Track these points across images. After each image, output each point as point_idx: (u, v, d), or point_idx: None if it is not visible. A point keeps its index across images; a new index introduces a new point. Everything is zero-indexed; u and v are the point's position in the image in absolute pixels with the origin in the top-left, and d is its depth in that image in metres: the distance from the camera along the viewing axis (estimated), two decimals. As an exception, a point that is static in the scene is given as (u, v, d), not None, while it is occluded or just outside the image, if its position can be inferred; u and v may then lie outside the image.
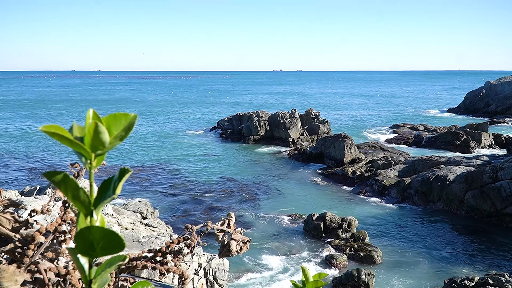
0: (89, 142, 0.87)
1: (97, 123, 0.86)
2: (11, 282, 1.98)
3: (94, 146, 0.88)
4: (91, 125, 0.86)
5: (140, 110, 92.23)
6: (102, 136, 0.87)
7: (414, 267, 20.61)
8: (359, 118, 76.44)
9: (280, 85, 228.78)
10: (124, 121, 0.92)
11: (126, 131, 0.91)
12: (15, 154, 44.77)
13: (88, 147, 0.87)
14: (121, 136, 0.90)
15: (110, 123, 0.91)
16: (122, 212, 16.85)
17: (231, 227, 3.54)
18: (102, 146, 0.88)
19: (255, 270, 20.12)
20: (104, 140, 0.87)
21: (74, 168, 2.78)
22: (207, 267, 11.56)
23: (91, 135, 0.87)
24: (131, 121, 0.92)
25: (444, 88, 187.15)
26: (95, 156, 0.89)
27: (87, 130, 0.87)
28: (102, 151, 0.89)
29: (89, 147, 0.87)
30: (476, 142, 45.24)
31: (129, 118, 0.93)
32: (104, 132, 0.87)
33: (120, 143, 0.91)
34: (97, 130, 0.86)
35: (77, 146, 0.86)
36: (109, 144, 0.88)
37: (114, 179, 0.92)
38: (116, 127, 0.91)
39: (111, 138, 0.88)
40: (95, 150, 0.88)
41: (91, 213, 0.88)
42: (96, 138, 0.86)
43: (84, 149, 0.87)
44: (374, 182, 32.75)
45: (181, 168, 39.32)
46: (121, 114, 0.93)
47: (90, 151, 0.88)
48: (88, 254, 0.83)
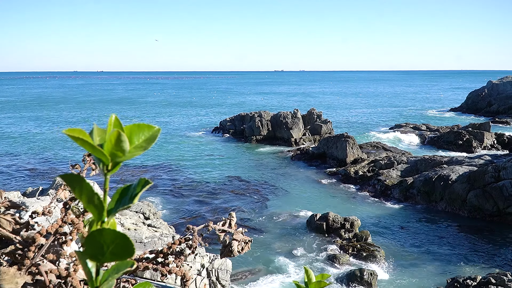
0: (109, 149, 0.87)
1: (119, 133, 0.86)
2: (11, 285, 1.98)
3: (114, 154, 0.87)
4: (114, 133, 0.85)
5: (142, 110, 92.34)
6: (123, 145, 0.87)
7: (417, 266, 20.57)
8: (362, 118, 76.36)
9: (282, 85, 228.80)
10: (147, 133, 0.92)
11: (148, 142, 0.90)
12: (17, 155, 44.86)
13: (108, 154, 0.87)
14: (143, 147, 0.90)
15: (132, 133, 0.91)
16: (125, 212, 16.87)
17: (233, 227, 3.53)
18: (122, 154, 0.87)
19: (258, 270, 20.11)
20: (124, 149, 0.87)
21: (74, 169, 2.78)
22: (210, 267, 11.57)
23: (112, 143, 0.86)
24: (154, 133, 0.92)
25: (446, 88, 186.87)
26: (113, 163, 0.89)
27: (109, 137, 0.86)
28: (120, 159, 0.89)
29: (108, 154, 0.87)
30: (478, 142, 45.14)
31: (152, 131, 0.92)
32: (126, 142, 0.87)
33: (140, 154, 0.91)
34: (119, 139, 0.86)
35: (98, 152, 0.86)
36: (129, 153, 0.88)
37: (132, 187, 0.92)
38: (138, 137, 0.91)
39: (131, 148, 0.88)
40: (114, 158, 0.88)
41: (104, 220, 0.87)
42: (117, 146, 0.86)
43: (105, 156, 0.87)
44: (376, 182, 32.72)
45: (183, 168, 39.34)
46: (144, 125, 0.93)
47: (110, 158, 0.88)
48: (96, 259, 0.82)
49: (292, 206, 28.75)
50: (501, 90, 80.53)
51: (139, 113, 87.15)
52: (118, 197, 0.91)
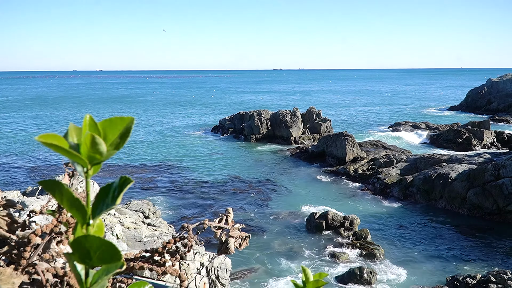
0: (85, 152, 0.84)
1: (93, 136, 0.83)
2: (8, 285, 1.97)
3: (91, 157, 0.85)
4: (87, 137, 0.83)
5: (141, 109, 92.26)
6: (99, 147, 0.84)
7: (416, 265, 20.58)
8: (361, 117, 76.31)
9: (282, 83, 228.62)
10: (120, 126, 0.88)
11: (122, 137, 0.87)
12: (17, 154, 44.83)
13: (84, 157, 0.85)
14: (116, 144, 0.87)
15: (106, 129, 0.87)
16: (124, 211, 16.86)
17: (229, 223, 3.51)
18: (99, 156, 0.85)
19: (257, 268, 20.11)
20: (101, 150, 0.84)
21: (68, 167, 2.77)
22: (209, 266, 11.56)
23: (87, 147, 0.84)
24: (127, 125, 0.88)
25: (445, 86, 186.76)
26: (91, 165, 0.86)
27: (84, 141, 0.84)
28: (98, 161, 0.86)
29: (85, 157, 0.85)
30: (478, 140, 45.13)
31: (125, 122, 0.88)
32: (101, 144, 0.84)
33: (116, 152, 0.88)
34: (93, 142, 0.83)
35: (74, 156, 0.84)
36: (106, 153, 0.85)
37: (113, 186, 0.89)
38: (113, 133, 0.87)
39: (107, 146, 0.85)
40: (91, 161, 0.85)
41: (88, 223, 0.86)
42: (92, 149, 0.84)
43: (81, 160, 0.84)
44: (376, 180, 32.72)
45: (182, 167, 39.33)
46: (117, 118, 0.89)
47: (87, 161, 0.85)
48: (84, 262, 0.81)
49: (292, 205, 28.75)
50: (501, 88, 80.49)
51: (138, 112, 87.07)
52: (99, 199, 0.88)
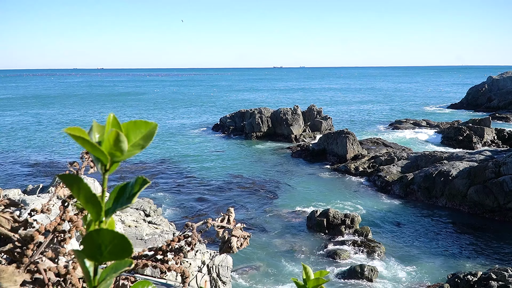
0: (107, 149, 0.86)
1: (118, 133, 0.85)
2: (10, 282, 1.97)
3: (112, 154, 0.86)
4: (112, 133, 0.84)
5: (142, 107, 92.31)
6: (121, 145, 0.86)
7: (417, 262, 20.60)
8: (362, 114, 76.31)
9: (282, 81, 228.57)
10: (144, 130, 0.90)
11: (145, 140, 0.89)
12: (18, 153, 44.88)
13: (107, 153, 0.86)
14: (140, 145, 0.88)
15: (129, 130, 0.89)
16: (125, 210, 16.87)
17: (231, 222, 3.52)
18: (120, 154, 0.86)
19: (258, 266, 20.14)
20: (123, 149, 0.86)
21: (73, 166, 2.77)
22: (211, 264, 11.58)
23: (110, 143, 0.85)
24: (151, 130, 0.90)
25: (446, 83, 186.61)
26: (112, 163, 0.87)
27: (107, 137, 0.85)
28: (119, 159, 0.87)
29: (108, 154, 0.86)
30: (478, 137, 45.10)
31: (149, 127, 0.91)
32: (124, 141, 0.86)
33: (138, 152, 0.89)
34: (117, 139, 0.85)
35: (98, 152, 0.85)
36: (127, 152, 0.87)
37: (129, 185, 0.90)
38: (135, 135, 0.89)
39: (129, 146, 0.87)
40: (113, 158, 0.86)
41: (101, 220, 0.86)
42: (115, 146, 0.85)
43: (104, 155, 0.85)
44: (377, 178, 32.74)
45: (183, 165, 39.36)
46: (141, 121, 0.91)
47: (109, 157, 0.86)
48: (95, 258, 0.81)
49: (293, 203, 28.76)
50: (502, 85, 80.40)
51: (139, 110, 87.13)
52: (115, 197, 0.90)
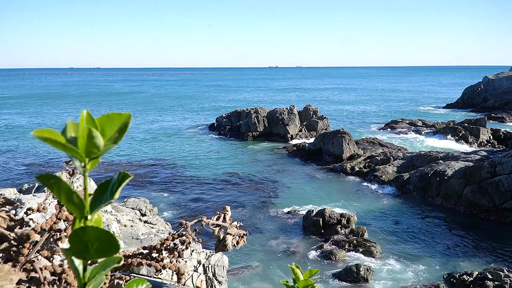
0: (83, 146, 0.85)
1: (90, 129, 0.84)
2: (6, 281, 1.97)
3: (88, 151, 0.85)
4: (84, 130, 0.84)
5: (138, 107, 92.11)
6: (96, 141, 0.85)
7: (413, 262, 20.65)
8: (358, 114, 76.45)
9: (279, 81, 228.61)
10: (118, 121, 0.89)
11: (120, 132, 0.88)
12: (14, 152, 44.71)
13: (82, 151, 0.85)
14: (115, 138, 0.88)
15: (104, 124, 0.88)
16: (121, 209, 16.84)
17: (227, 221, 3.52)
18: (96, 150, 0.86)
19: (254, 266, 20.14)
20: (98, 144, 0.85)
21: (69, 165, 2.76)
22: (206, 263, 11.56)
23: (84, 140, 0.84)
24: (125, 121, 0.89)
25: (442, 83, 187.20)
26: (89, 160, 0.87)
27: (81, 135, 0.84)
28: (96, 155, 0.87)
29: (83, 151, 0.85)
30: (474, 137, 45.29)
31: (123, 118, 0.90)
32: (98, 137, 0.85)
33: (115, 146, 0.89)
34: (90, 135, 0.84)
35: (71, 151, 0.84)
36: (103, 147, 0.86)
37: (112, 182, 0.90)
38: (110, 128, 0.88)
39: (105, 141, 0.86)
40: (89, 155, 0.86)
41: (86, 217, 0.86)
42: (89, 143, 0.84)
43: (78, 154, 0.85)
44: (373, 177, 32.81)
45: (179, 165, 39.31)
46: (114, 114, 0.90)
47: (84, 155, 0.86)
48: (82, 257, 0.81)
49: (289, 202, 28.78)
50: (497, 85, 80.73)
51: (134, 109, 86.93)
52: (98, 194, 0.89)
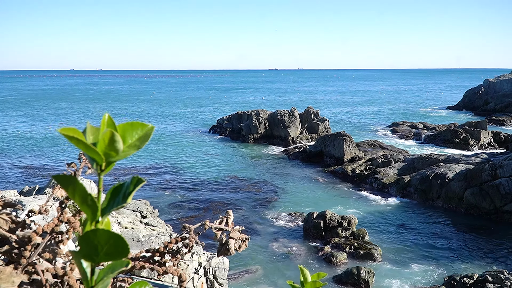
0: (102, 149, 0.86)
1: (113, 133, 0.85)
2: (8, 284, 1.97)
3: (107, 154, 0.86)
4: (107, 133, 0.84)
5: (139, 109, 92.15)
6: (116, 145, 0.86)
7: (414, 264, 20.62)
8: (359, 116, 76.43)
9: (280, 83, 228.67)
10: (141, 131, 0.90)
11: (141, 141, 0.89)
12: (14, 154, 44.72)
13: (101, 153, 0.86)
14: (136, 146, 0.88)
15: (125, 131, 0.90)
16: (122, 211, 16.83)
17: (229, 225, 3.53)
18: (115, 154, 0.86)
19: (255, 269, 20.12)
20: (118, 149, 0.86)
21: (70, 168, 2.77)
22: (207, 266, 11.55)
23: (105, 143, 0.85)
24: (147, 131, 0.90)
25: (443, 86, 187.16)
26: (107, 163, 0.87)
27: (102, 137, 0.85)
28: (114, 159, 0.87)
29: (102, 153, 0.86)
30: (475, 140, 45.26)
31: (146, 129, 0.91)
32: (119, 142, 0.86)
33: (133, 153, 0.89)
34: (112, 139, 0.85)
35: (92, 152, 0.85)
36: (123, 152, 0.87)
37: (125, 186, 0.90)
38: (131, 136, 0.89)
39: (125, 147, 0.87)
40: (108, 158, 0.87)
41: (97, 220, 0.86)
42: (110, 146, 0.85)
43: (99, 155, 0.85)
44: (373, 180, 32.77)
45: (180, 167, 39.31)
46: (137, 123, 0.92)
47: (104, 158, 0.86)
48: (91, 259, 0.81)
49: (289, 205, 28.76)
50: (498, 88, 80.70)
51: (136, 111, 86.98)
52: (110, 197, 0.90)
